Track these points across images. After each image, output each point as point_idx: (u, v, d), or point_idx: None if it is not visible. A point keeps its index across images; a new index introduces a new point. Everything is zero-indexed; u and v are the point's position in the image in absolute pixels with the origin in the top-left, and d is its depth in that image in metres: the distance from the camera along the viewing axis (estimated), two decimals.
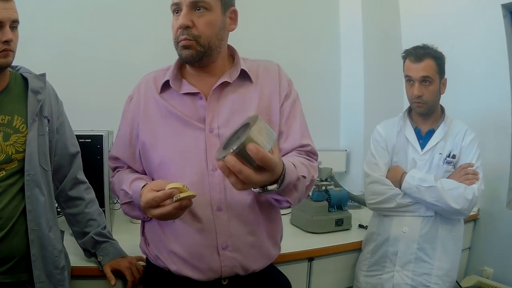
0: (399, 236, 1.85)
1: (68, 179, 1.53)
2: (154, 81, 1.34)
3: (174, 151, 1.25)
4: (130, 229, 2.06)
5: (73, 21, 2.37)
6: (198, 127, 1.24)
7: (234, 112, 1.26)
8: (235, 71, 1.30)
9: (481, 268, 2.42)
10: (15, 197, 1.28)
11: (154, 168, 1.29)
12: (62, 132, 1.50)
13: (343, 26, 3.16)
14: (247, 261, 1.25)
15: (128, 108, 1.39)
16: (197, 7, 1.19)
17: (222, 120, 1.25)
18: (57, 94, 1.51)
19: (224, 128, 1.24)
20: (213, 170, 1.22)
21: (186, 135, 1.25)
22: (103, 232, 1.55)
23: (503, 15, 2.37)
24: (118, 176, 1.37)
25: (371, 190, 1.90)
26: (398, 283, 1.84)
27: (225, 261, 1.22)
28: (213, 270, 1.22)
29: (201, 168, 1.22)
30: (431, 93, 1.80)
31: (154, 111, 1.30)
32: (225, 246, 1.22)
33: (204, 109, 1.26)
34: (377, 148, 1.97)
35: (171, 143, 1.25)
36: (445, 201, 1.73)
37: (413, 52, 1.82)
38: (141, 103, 1.33)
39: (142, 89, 1.36)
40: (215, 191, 1.22)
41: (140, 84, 1.39)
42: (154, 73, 1.38)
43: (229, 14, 1.27)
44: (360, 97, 3.01)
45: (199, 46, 1.21)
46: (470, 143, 1.85)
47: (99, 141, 1.83)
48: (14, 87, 1.35)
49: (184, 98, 1.28)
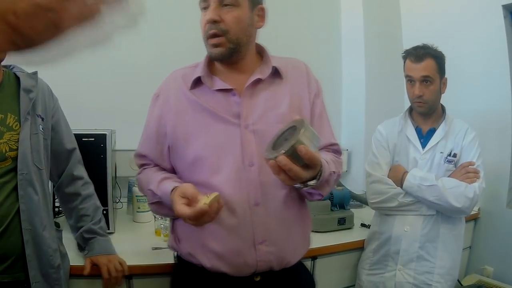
0: (401, 235, 1.86)
1: (65, 175, 1.54)
2: (183, 78, 1.33)
3: (209, 146, 1.25)
4: (132, 228, 2.07)
5: None
6: (233, 123, 1.25)
7: (267, 109, 1.28)
8: (267, 68, 1.31)
9: (482, 267, 2.42)
10: (10, 196, 1.27)
11: (186, 165, 1.29)
12: (58, 129, 1.50)
13: (344, 26, 3.16)
14: (281, 255, 1.27)
15: (154, 105, 1.38)
16: (225, 3, 1.20)
17: (256, 116, 1.27)
18: (52, 91, 1.51)
19: (259, 125, 1.26)
20: (250, 165, 1.24)
21: (220, 130, 1.25)
22: (93, 228, 1.55)
23: (503, 15, 2.38)
24: (145, 175, 1.38)
25: (373, 189, 1.91)
26: (400, 281, 1.85)
27: (261, 256, 1.24)
28: (248, 265, 1.24)
29: (237, 164, 1.24)
30: (431, 92, 1.82)
31: (185, 107, 1.30)
32: (261, 240, 1.23)
33: (238, 105, 1.26)
34: (378, 148, 1.98)
35: (205, 138, 1.26)
36: (446, 200, 1.74)
37: (413, 52, 1.83)
38: (170, 99, 1.33)
39: (171, 86, 1.36)
40: (252, 187, 1.23)
41: (168, 81, 1.39)
42: (181, 70, 1.38)
43: (257, 12, 1.28)
44: (361, 97, 3.01)
45: (229, 43, 1.22)
46: (471, 142, 1.86)
47: (103, 140, 1.84)
48: (7, 86, 1.35)
49: (216, 94, 1.28)
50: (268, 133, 1.18)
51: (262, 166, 1.21)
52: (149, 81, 2.50)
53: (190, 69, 1.35)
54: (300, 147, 0.97)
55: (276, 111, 1.28)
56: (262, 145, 1.17)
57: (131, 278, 1.59)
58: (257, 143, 1.24)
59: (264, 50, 1.37)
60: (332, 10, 3.16)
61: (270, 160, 1.00)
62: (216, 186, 1.21)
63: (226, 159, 1.24)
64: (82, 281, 1.55)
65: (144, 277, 1.61)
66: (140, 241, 1.86)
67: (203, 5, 1.24)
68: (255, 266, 1.24)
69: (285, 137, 1.04)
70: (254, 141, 1.24)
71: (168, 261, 1.61)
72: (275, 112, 1.27)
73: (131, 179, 2.26)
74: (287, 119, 1.16)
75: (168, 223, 1.88)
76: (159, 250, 1.74)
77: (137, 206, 2.13)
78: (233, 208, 1.22)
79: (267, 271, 1.27)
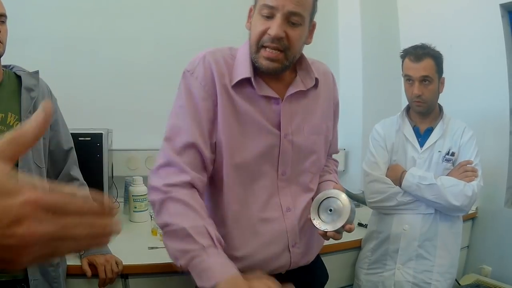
0: (400, 234, 1.85)
1: (62, 175, 1.53)
2: (226, 66, 1.21)
3: (250, 155, 1.22)
4: (129, 227, 2.06)
5: (73, 20, 2.36)
6: (273, 132, 1.24)
7: (304, 118, 1.29)
8: (309, 78, 1.29)
9: (480, 267, 2.42)
10: None
11: (224, 169, 1.21)
12: (56, 128, 1.50)
13: (342, 26, 3.15)
14: (309, 253, 1.35)
15: (192, 83, 1.19)
16: (292, 22, 1.14)
17: (294, 126, 1.27)
18: (51, 91, 1.51)
19: (296, 135, 1.27)
20: (282, 174, 1.27)
21: (261, 139, 1.23)
22: None
23: (501, 15, 2.38)
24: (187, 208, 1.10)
25: (372, 189, 1.91)
26: (399, 280, 1.85)
27: (294, 258, 1.29)
28: (282, 266, 1.28)
29: (273, 173, 1.26)
30: (430, 92, 1.81)
31: (228, 105, 1.19)
32: (294, 243, 1.28)
33: (278, 114, 1.24)
34: (376, 147, 1.97)
35: (246, 146, 1.22)
36: (445, 198, 1.74)
37: (412, 52, 1.82)
38: (213, 86, 1.18)
39: (212, 68, 1.19)
40: (285, 195, 1.28)
41: (206, 59, 1.20)
42: (220, 52, 1.23)
43: (310, 27, 1.25)
44: (358, 97, 3.00)
45: (285, 60, 1.17)
46: (469, 141, 1.86)
47: (99, 140, 1.84)
48: (8, 85, 1.35)
49: (259, 99, 1.22)
50: (303, 144, 1.27)
51: (292, 176, 1.28)
52: (146, 81, 2.53)
53: (229, 56, 1.23)
54: (347, 226, 1.17)
55: (310, 122, 1.30)
56: (296, 155, 1.27)
57: (127, 278, 1.58)
58: (293, 153, 1.27)
59: (303, 56, 1.31)
60: (329, 9, 3.15)
61: (319, 230, 1.19)
62: (254, 191, 1.24)
63: (265, 168, 1.25)
64: (76, 280, 1.54)
65: (140, 276, 1.60)
66: (137, 240, 1.85)
67: (267, 13, 1.13)
68: (288, 266, 1.30)
69: (330, 205, 1.21)
70: (291, 151, 1.27)
71: (165, 261, 1.60)
72: (309, 123, 1.30)
73: (127, 178, 2.25)
74: (318, 130, 1.31)
75: None
76: (156, 249, 1.72)
77: (134, 205, 2.12)
78: (269, 215, 1.25)
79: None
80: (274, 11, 1.12)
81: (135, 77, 2.51)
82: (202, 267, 1.01)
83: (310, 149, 1.31)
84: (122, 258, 1.55)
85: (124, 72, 2.49)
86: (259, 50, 1.17)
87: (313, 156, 1.33)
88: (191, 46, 2.61)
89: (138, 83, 2.53)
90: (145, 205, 2.15)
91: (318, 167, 1.38)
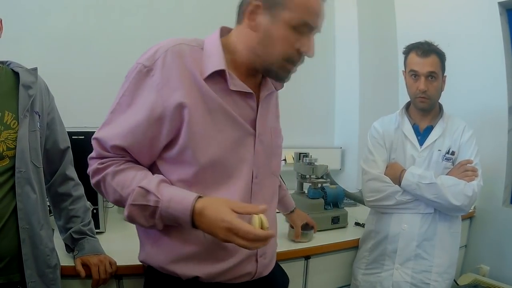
0: (398, 234, 1.84)
1: (57, 174, 1.51)
2: (193, 59, 1.10)
3: (222, 156, 1.13)
4: (123, 227, 2.03)
5: (69, 18, 2.34)
6: (246, 128, 1.17)
7: (270, 120, 1.27)
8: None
9: (478, 266, 2.43)
10: (6, 196, 1.24)
11: (194, 169, 1.11)
12: (53, 127, 1.47)
13: (338, 25, 3.15)
14: (271, 264, 1.31)
15: (144, 83, 1.08)
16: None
17: (265, 127, 1.24)
18: (49, 88, 1.48)
19: (265, 136, 1.23)
20: (255, 177, 1.20)
21: (237, 137, 1.16)
22: (82, 229, 1.52)
23: (499, 13, 2.37)
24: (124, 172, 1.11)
25: (370, 187, 1.89)
26: (397, 280, 1.83)
27: (260, 268, 1.25)
28: (246, 275, 1.22)
29: (248, 176, 1.19)
30: (435, 88, 1.80)
31: (199, 102, 1.09)
32: (262, 253, 1.24)
33: (253, 112, 1.19)
34: (374, 145, 1.95)
35: (220, 147, 1.12)
36: (445, 198, 1.72)
37: (420, 47, 1.80)
38: (177, 83, 1.07)
39: (176, 63, 1.08)
40: (257, 200, 1.20)
41: (169, 54, 1.08)
42: (186, 46, 1.12)
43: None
44: (355, 95, 3.00)
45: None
46: (469, 140, 1.84)
47: None
48: (4, 83, 1.32)
49: (234, 95, 1.14)
50: (270, 146, 1.23)
51: (263, 179, 1.23)
52: None
53: (197, 49, 1.13)
54: None
55: (273, 124, 1.29)
56: (267, 157, 1.23)
57: (121, 279, 1.56)
58: (264, 154, 1.23)
59: None
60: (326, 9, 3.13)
61: None
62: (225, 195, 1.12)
63: (240, 168, 1.17)
64: (69, 281, 1.50)
65: (135, 277, 1.57)
66: (131, 240, 1.81)
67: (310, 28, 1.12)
68: (253, 275, 1.24)
69: None
70: (263, 152, 1.22)
71: None
72: (273, 125, 1.29)
73: None
74: (279, 133, 1.33)
75: None
76: None
77: None
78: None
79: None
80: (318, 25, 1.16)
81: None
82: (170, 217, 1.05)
83: (276, 152, 1.30)
84: (116, 258, 1.53)
85: (120, 70, 2.44)
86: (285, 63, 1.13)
87: (278, 159, 1.32)
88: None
89: None
90: None
91: (279, 172, 1.37)
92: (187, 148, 1.09)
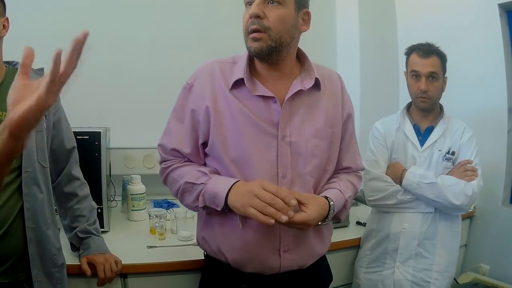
0: (399, 233, 1.85)
1: (63, 174, 1.52)
2: (221, 74, 1.28)
3: (245, 155, 1.24)
4: (127, 226, 2.05)
5: (70, 19, 2.34)
6: (270, 133, 1.24)
7: (304, 120, 1.28)
8: (309, 78, 1.29)
9: (477, 265, 2.43)
10: (12, 196, 1.25)
11: (221, 166, 1.28)
12: (59, 127, 1.48)
13: (340, 26, 3.15)
14: (301, 260, 1.32)
15: (187, 97, 1.32)
16: (271, 1, 1.19)
17: (294, 128, 1.26)
18: None
19: (295, 137, 1.26)
20: (283, 178, 1.25)
21: (258, 139, 1.24)
22: (88, 229, 1.53)
23: (499, 14, 2.38)
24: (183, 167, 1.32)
25: (371, 187, 1.90)
26: (399, 279, 1.85)
27: (284, 262, 1.28)
28: (272, 268, 1.29)
29: (272, 174, 1.24)
30: (436, 89, 1.82)
31: (224, 108, 1.25)
32: (286, 249, 1.28)
33: (278, 114, 1.25)
34: (376, 145, 1.97)
35: (242, 146, 1.24)
36: (445, 197, 1.74)
37: (421, 48, 1.82)
38: (206, 95, 1.27)
39: (208, 80, 1.29)
40: None
41: (202, 72, 1.31)
42: (218, 64, 1.31)
43: (302, 15, 1.26)
44: (355, 96, 3.00)
45: (270, 40, 1.19)
46: (469, 140, 1.86)
47: (97, 138, 1.82)
48: (11, 82, 1.33)
49: (256, 99, 1.25)
50: (302, 146, 1.25)
51: (293, 179, 1.26)
52: (144, 79, 2.52)
53: (228, 64, 1.31)
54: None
55: (312, 125, 1.29)
56: (296, 157, 1.26)
57: (126, 277, 1.57)
58: (292, 155, 1.25)
59: (306, 57, 1.34)
60: (327, 10, 3.15)
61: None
62: None
63: (262, 169, 1.24)
64: (75, 279, 1.51)
65: (139, 275, 1.59)
66: (135, 239, 1.84)
67: (248, 0, 1.22)
68: (278, 269, 1.29)
69: None
70: (290, 153, 1.25)
71: (163, 260, 1.59)
72: (311, 126, 1.29)
73: (125, 177, 2.24)
74: (321, 134, 1.29)
75: (163, 222, 1.86)
76: (154, 248, 1.71)
77: (132, 204, 2.11)
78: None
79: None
80: None
81: (133, 76, 2.50)
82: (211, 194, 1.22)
83: (311, 153, 1.29)
84: (120, 257, 1.54)
85: (122, 71, 2.48)
86: (248, 36, 1.22)
87: (315, 160, 1.29)
88: (188, 45, 2.63)
89: (136, 81, 2.52)
90: (143, 204, 2.14)
91: (321, 173, 1.34)
92: (214, 146, 1.26)
